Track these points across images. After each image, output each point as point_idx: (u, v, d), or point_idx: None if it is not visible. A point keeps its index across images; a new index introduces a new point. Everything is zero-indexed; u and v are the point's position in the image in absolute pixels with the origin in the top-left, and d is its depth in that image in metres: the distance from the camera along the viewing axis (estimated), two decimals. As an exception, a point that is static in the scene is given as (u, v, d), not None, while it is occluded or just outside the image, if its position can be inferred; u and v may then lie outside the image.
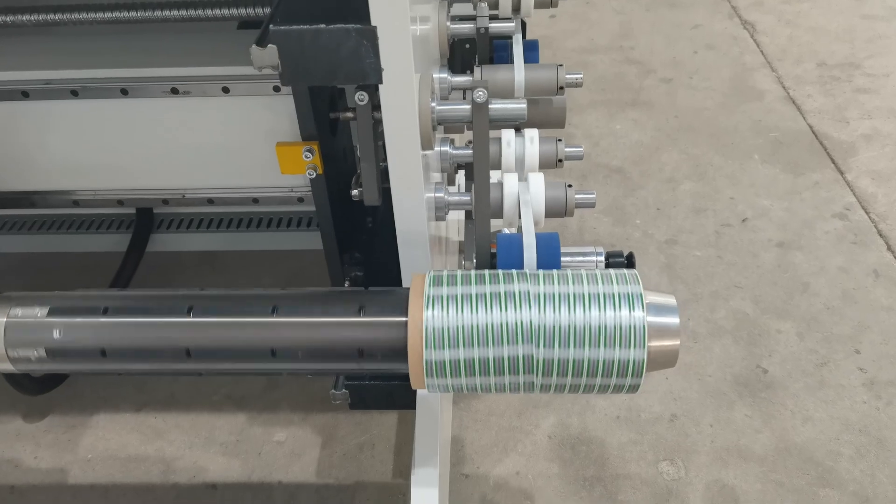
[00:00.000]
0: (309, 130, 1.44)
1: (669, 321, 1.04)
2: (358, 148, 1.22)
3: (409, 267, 1.27)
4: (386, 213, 1.27)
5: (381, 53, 1.03)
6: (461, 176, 1.71)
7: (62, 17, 1.52)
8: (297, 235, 2.03)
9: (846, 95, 3.22)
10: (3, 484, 1.90)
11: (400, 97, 1.08)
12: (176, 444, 1.97)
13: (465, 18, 1.62)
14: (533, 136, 1.40)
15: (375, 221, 1.75)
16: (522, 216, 1.24)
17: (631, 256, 1.28)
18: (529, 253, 1.18)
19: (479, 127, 1.17)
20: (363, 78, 1.05)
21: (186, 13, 1.52)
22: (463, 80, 1.45)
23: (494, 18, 1.62)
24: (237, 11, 1.51)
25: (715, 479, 1.84)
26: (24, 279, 2.33)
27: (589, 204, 1.34)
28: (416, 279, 1.07)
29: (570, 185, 1.32)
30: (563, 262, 1.21)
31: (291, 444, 1.95)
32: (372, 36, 1.01)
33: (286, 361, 1.11)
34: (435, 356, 1.02)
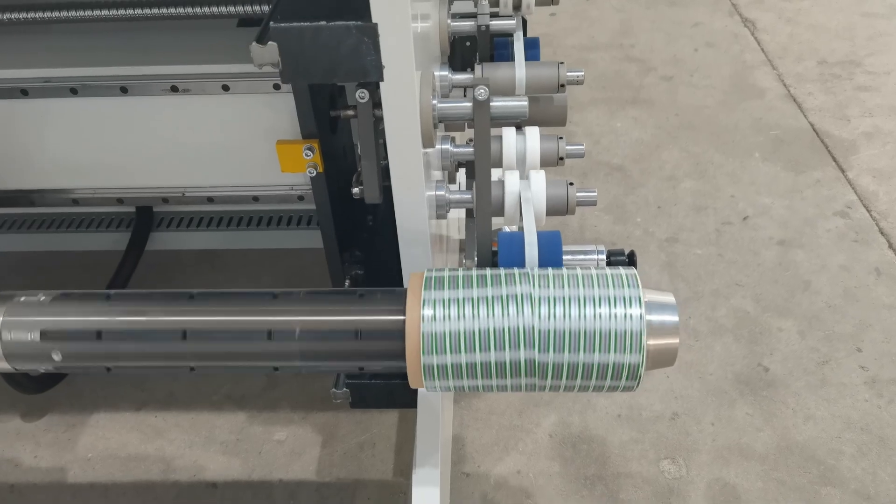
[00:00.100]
0: (309, 128, 1.43)
1: (668, 319, 1.04)
2: (358, 146, 1.21)
3: (410, 265, 1.27)
4: (386, 211, 1.27)
5: (381, 51, 1.02)
6: (461, 174, 1.71)
7: (61, 14, 1.51)
8: (297, 234, 2.02)
9: (847, 93, 3.21)
10: (2, 483, 1.89)
11: (401, 95, 1.08)
12: (176, 443, 1.97)
13: (465, 16, 1.61)
14: (534, 133, 1.39)
15: (376, 220, 1.74)
16: (524, 214, 1.24)
17: (632, 255, 1.28)
18: (531, 251, 1.17)
19: (480, 125, 1.17)
20: (364, 75, 1.05)
21: (186, 10, 1.52)
22: (464, 77, 1.45)
23: (495, 16, 1.62)
24: (237, 9, 1.51)
25: (716, 477, 1.84)
26: (23, 278, 2.33)
27: (590, 202, 1.34)
28: (413, 279, 1.06)
29: (571, 182, 1.32)
30: (564, 260, 1.21)
31: (292, 442, 1.95)
32: (373, 33, 1.01)
33: (284, 361, 1.10)
34: (433, 361, 1.01)
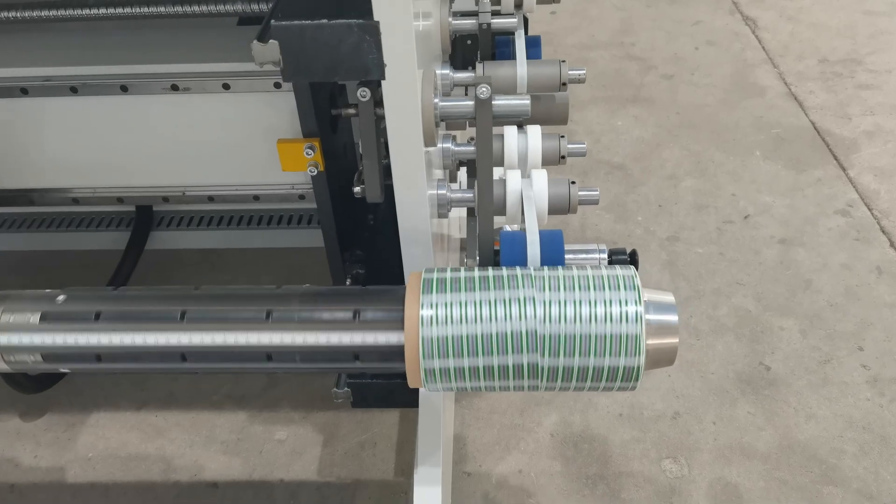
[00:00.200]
0: (310, 127, 1.43)
1: (668, 319, 1.03)
2: (360, 145, 1.21)
3: (411, 264, 1.26)
4: (387, 210, 1.26)
5: (383, 49, 1.02)
6: (462, 173, 1.71)
7: (61, 13, 1.51)
8: (298, 233, 2.02)
9: (848, 91, 3.21)
10: (3, 483, 1.89)
11: (403, 93, 1.07)
12: (177, 442, 1.97)
13: (466, 14, 1.61)
14: (536, 132, 1.39)
15: (377, 218, 1.74)
16: (526, 213, 1.23)
17: (634, 253, 1.27)
18: (533, 250, 1.17)
19: (482, 123, 1.16)
20: (365, 74, 1.04)
21: (186, 9, 1.51)
22: (465, 76, 1.44)
23: (496, 14, 1.62)
24: (237, 7, 1.50)
25: (718, 476, 1.83)
26: (23, 277, 2.33)
27: (592, 201, 1.33)
28: (412, 279, 1.06)
29: (573, 181, 1.32)
30: (566, 259, 1.20)
31: (292, 442, 1.95)
32: (374, 31, 1.00)
33: (283, 363, 1.10)
34: (432, 365, 1.01)
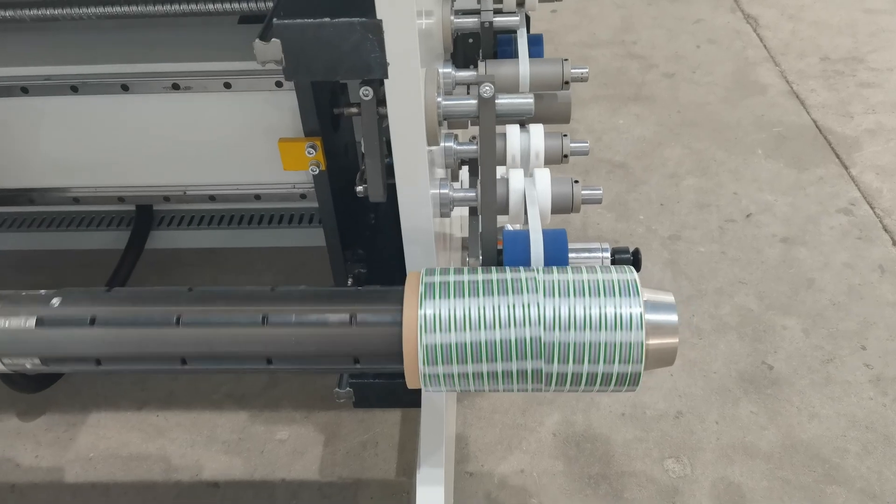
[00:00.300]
0: (311, 126, 1.42)
1: (667, 319, 1.03)
2: (362, 144, 1.20)
3: (413, 264, 1.26)
4: (389, 209, 1.26)
5: (386, 47, 1.01)
6: (464, 172, 1.70)
7: (62, 12, 1.51)
8: (299, 232, 2.01)
9: (850, 90, 3.20)
10: (3, 482, 1.88)
11: (405, 92, 1.06)
12: (177, 442, 1.96)
13: (468, 12, 1.60)
14: (538, 131, 1.38)
15: (378, 218, 1.73)
16: (529, 212, 1.23)
17: (637, 252, 1.27)
18: (537, 249, 1.16)
19: (485, 122, 1.16)
20: (368, 72, 1.04)
21: (187, 7, 1.51)
22: (467, 74, 1.44)
23: (498, 12, 1.61)
24: (238, 6, 1.50)
25: (721, 476, 1.83)
26: (23, 277, 2.32)
27: (595, 200, 1.33)
28: (410, 280, 1.05)
29: (576, 180, 1.31)
30: (569, 258, 1.19)
31: (294, 442, 1.94)
32: (377, 30, 0.99)
33: (282, 364, 1.09)
34: (432, 370, 1.01)
